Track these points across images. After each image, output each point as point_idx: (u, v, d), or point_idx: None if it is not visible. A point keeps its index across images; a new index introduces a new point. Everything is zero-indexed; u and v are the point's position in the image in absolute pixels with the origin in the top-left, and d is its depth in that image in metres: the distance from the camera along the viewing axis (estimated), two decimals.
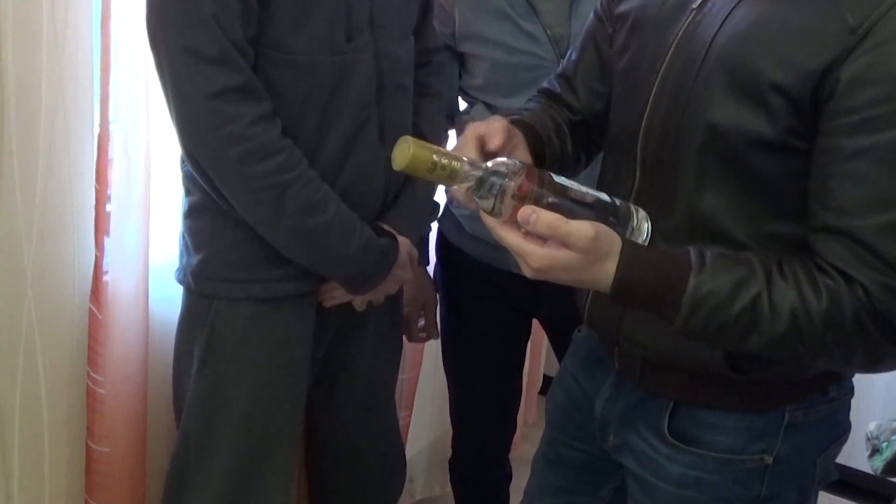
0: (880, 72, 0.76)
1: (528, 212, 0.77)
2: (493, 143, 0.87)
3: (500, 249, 1.46)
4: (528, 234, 0.78)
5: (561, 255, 0.78)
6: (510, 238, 0.79)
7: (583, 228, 0.77)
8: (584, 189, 0.84)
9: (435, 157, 0.77)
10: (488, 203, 0.80)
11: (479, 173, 0.79)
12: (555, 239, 0.77)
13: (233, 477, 1.27)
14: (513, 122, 0.97)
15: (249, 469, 1.27)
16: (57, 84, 1.17)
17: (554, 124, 1.07)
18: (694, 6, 0.92)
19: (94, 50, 1.21)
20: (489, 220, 0.81)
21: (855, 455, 1.65)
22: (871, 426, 1.71)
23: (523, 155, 0.93)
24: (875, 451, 1.67)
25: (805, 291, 0.79)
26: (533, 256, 0.78)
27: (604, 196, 0.86)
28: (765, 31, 0.83)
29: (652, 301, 0.82)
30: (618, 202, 0.87)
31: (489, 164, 0.80)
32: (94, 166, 1.23)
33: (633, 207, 0.88)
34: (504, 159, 0.81)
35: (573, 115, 1.10)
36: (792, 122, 0.82)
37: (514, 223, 0.78)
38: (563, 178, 0.83)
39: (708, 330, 0.81)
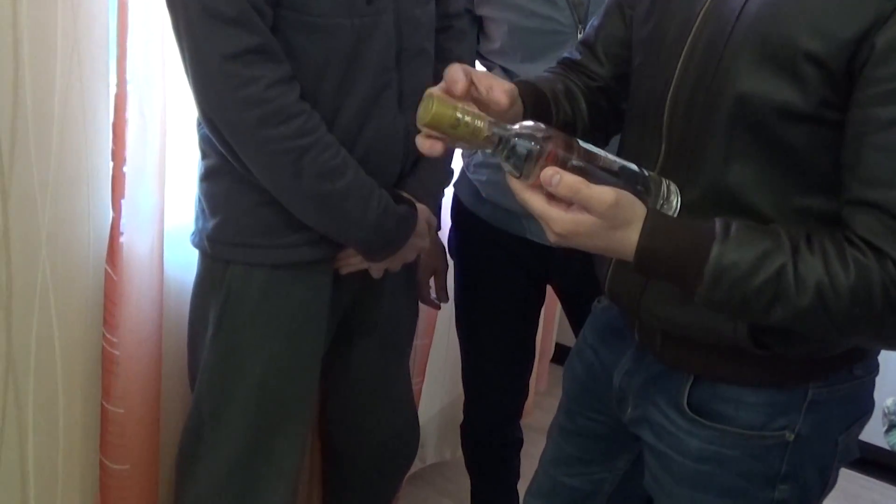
0: None
1: (550, 173, 0.76)
2: (482, 84, 0.86)
3: (516, 215, 1.48)
4: (552, 199, 0.78)
5: (584, 219, 0.77)
6: (534, 202, 0.78)
7: (604, 193, 0.77)
8: (611, 157, 0.83)
9: (459, 114, 0.76)
10: (512, 165, 0.79)
11: (504, 133, 0.78)
12: (576, 202, 0.77)
13: (246, 441, 1.27)
14: (520, 82, 0.96)
15: (263, 434, 1.28)
16: (72, 43, 1.15)
17: (564, 87, 1.05)
18: None
19: (111, 8, 1.19)
20: (514, 184, 0.80)
21: (871, 430, 1.65)
22: (888, 402, 1.70)
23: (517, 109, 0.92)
24: (892, 426, 1.67)
25: (833, 265, 0.77)
26: (556, 221, 0.78)
27: (632, 165, 0.84)
28: (798, 0, 0.80)
29: (675, 271, 0.81)
30: (647, 173, 0.85)
31: (516, 126, 0.79)
32: (111, 126, 1.22)
33: (664, 181, 0.86)
34: (530, 122, 0.80)
35: (592, 81, 1.08)
36: (825, 93, 0.80)
37: (539, 187, 0.77)
38: (589, 145, 0.82)
39: (731, 301, 0.80)
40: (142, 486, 1.39)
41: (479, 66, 1.54)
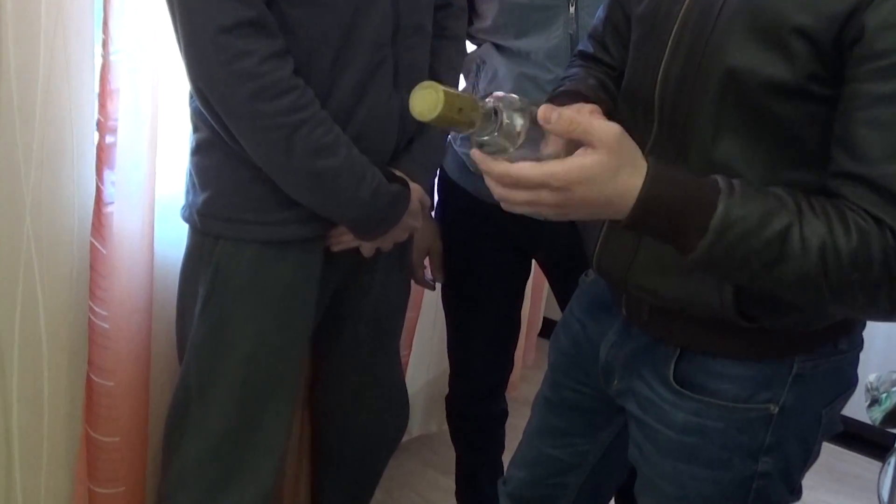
0: None
1: (549, 110, 0.75)
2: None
3: None
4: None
5: (586, 161, 0.75)
6: (528, 169, 0.76)
7: (608, 123, 0.75)
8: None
9: (459, 100, 0.72)
10: (505, 135, 0.76)
11: (496, 105, 0.75)
12: (578, 135, 0.75)
13: (233, 416, 1.27)
14: (561, 94, 0.95)
15: (250, 409, 1.28)
16: (56, 9, 1.13)
17: (597, 82, 1.05)
18: None
19: None
20: (503, 166, 0.77)
21: (853, 405, 1.67)
22: (871, 377, 1.72)
23: None
24: (874, 401, 1.69)
25: (835, 228, 0.77)
26: (556, 175, 0.75)
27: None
28: None
29: (675, 222, 0.79)
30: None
31: (490, 100, 0.76)
32: (97, 96, 1.20)
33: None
34: (499, 93, 0.77)
35: (612, 72, 1.08)
36: (814, 67, 0.80)
37: (524, 155, 0.76)
38: None
39: (731, 258, 0.78)
40: (131, 459, 1.39)
41: (469, 47, 1.53)
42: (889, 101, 0.75)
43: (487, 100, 0.76)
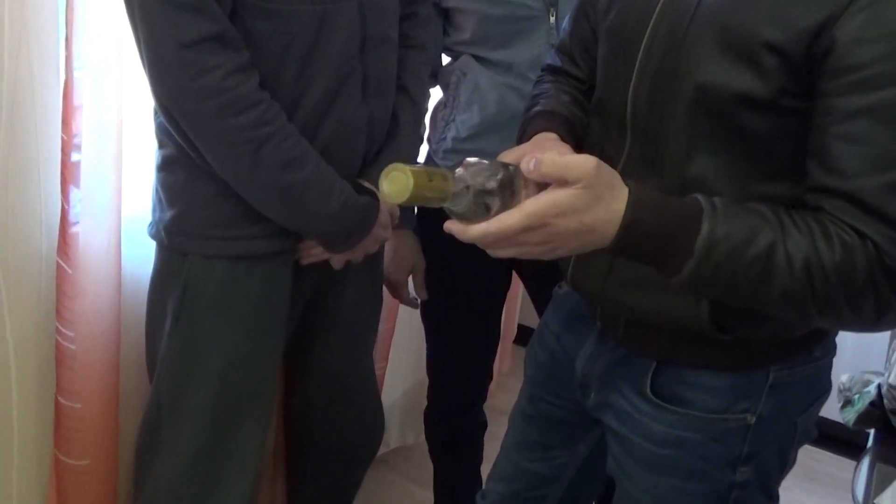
0: (877, 31, 0.74)
1: (527, 159, 0.75)
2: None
3: None
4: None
5: (560, 194, 0.74)
6: (507, 219, 0.74)
7: (584, 157, 0.75)
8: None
9: (428, 176, 0.70)
10: (483, 204, 0.74)
11: (469, 181, 0.73)
12: (559, 175, 0.74)
13: (206, 434, 1.26)
14: (537, 115, 0.95)
15: (223, 426, 1.26)
16: (20, 26, 1.11)
17: (570, 98, 1.05)
18: None
19: None
20: (480, 227, 0.75)
21: (827, 406, 1.68)
22: (844, 378, 1.74)
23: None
24: (847, 402, 1.70)
25: (818, 242, 0.77)
26: (533, 214, 0.74)
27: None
28: None
29: (660, 246, 0.78)
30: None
31: (461, 170, 0.74)
32: (61, 114, 1.18)
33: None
34: (471, 159, 0.76)
35: (581, 85, 1.08)
36: (784, 81, 0.80)
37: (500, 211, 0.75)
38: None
39: (717, 279, 0.78)
40: (101, 482, 1.37)
41: (444, 59, 1.53)
42: (863, 115, 0.76)
43: (457, 170, 0.75)
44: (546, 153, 0.76)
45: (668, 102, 0.88)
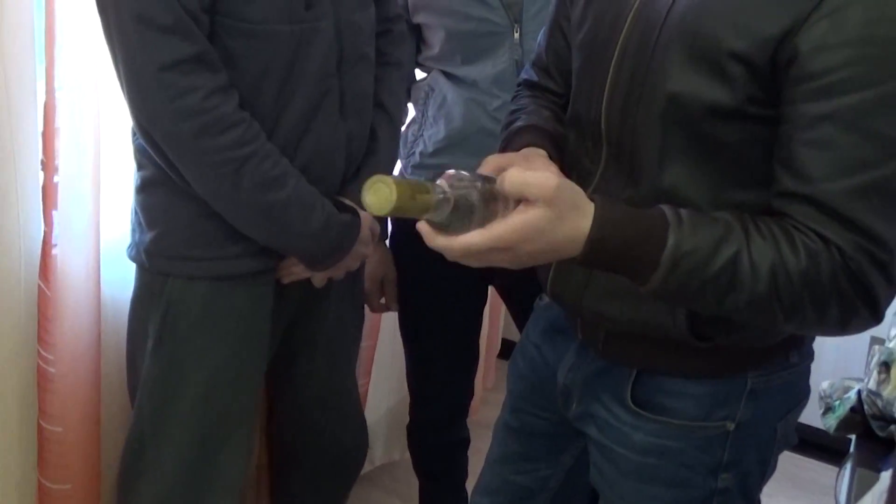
0: (838, 38, 0.76)
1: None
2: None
3: None
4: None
5: (527, 216, 0.75)
6: (472, 238, 0.75)
7: (543, 176, 0.75)
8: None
9: (411, 187, 0.70)
10: (462, 215, 0.75)
11: (453, 191, 0.74)
12: (522, 192, 0.75)
13: (189, 455, 1.25)
14: (519, 131, 0.96)
15: (206, 447, 1.26)
16: None
17: (551, 113, 1.06)
18: None
19: (38, 13, 1.16)
20: (445, 240, 0.76)
21: (809, 412, 1.70)
22: (824, 385, 1.75)
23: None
24: (828, 409, 1.72)
25: (783, 249, 0.78)
26: (500, 238, 0.75)
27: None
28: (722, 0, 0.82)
29: (627, 260, 0.80)
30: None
31: (442, 181, 0.75)
32: (41, 136, 1.18)
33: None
34: (451, 171, 0.76)
35: (558, 100, 1.09)
36: (751, 90, 0.82)
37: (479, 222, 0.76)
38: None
39: (685, 290, 0.80)
40: None
41: (418, 74, 1.54)
42: (827, 121, 0.77)
43: (439, 182, 0.75)
44: (511, 169, 0.76)
45: (640, 114, 0.89)
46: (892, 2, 0.76)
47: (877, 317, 0.82)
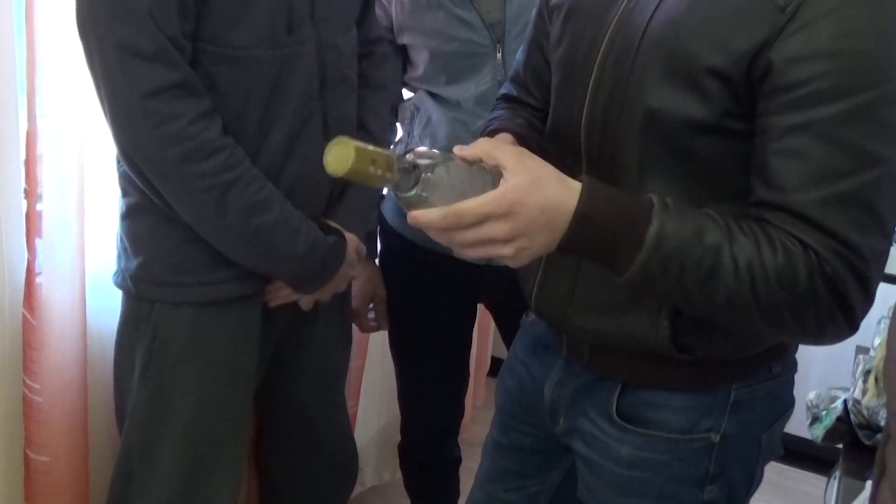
0: (811, 50, 0.77)
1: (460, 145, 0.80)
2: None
3: None
4: None
5: (511, 182, 0.78)
6: (468, 204, 0.77)
7: (508, 146, 0.82)
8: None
9: (371, 154, 0.72)
10: (433, 187, 0.76)
11: (418, 160, 0.76)
12: (486, 154, 0.80)
13: (178, 483, 1.24)
14: (490, 133, 0.97)
15: (195, 475, 1.25)
16: None
17: (525, 121, 1.07)
18: None
19: (19, 40, 1.16)
20: (440, 210, 0.77)
21: (797, 423, 1.71)
22: (811, 395, 1.76)
23: None
24: (815, 419, 1.72)
25: (763, 246, 0.79)
26: (495, 200, 0.77)
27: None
28: (697, 15, 0.84)
29: (612, 236, 0.80)
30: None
31: (409, 156, 0.77)
32: (23, 164, 1.18)
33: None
34: (419, 149, 0.79)
35: (537, 112, 1.11)
36: (728, 105, 0.83)
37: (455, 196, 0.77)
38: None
39: (665, 275, 0.80)
40: None
41: (405, 94, 1.56)
42: (800, 131, 0.79)
43: (407, 156, 0.77)
44: (480, 140, 0.80)
45: (619, 129, 0.90)
46: (864, 14, 0.77)
47: (852, 325, 0.82)
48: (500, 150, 0.81)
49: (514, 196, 0.77)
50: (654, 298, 0.91)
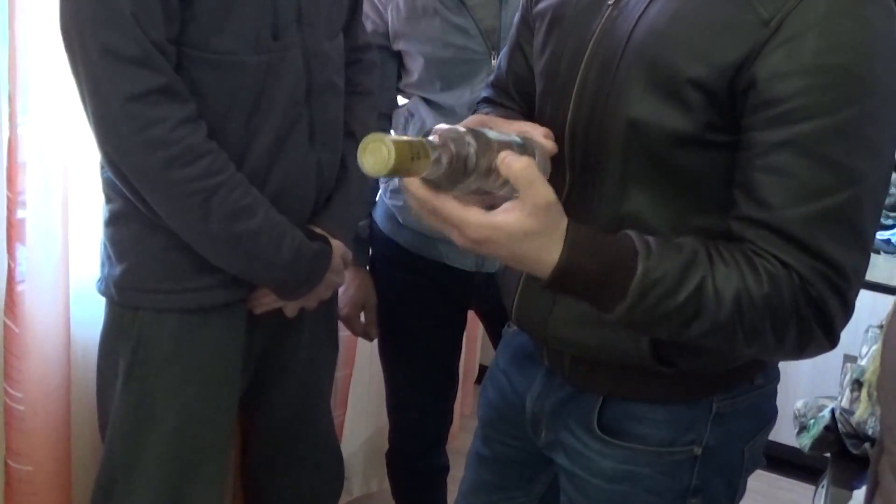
0: (794, 66, 0.77)
1: (504, 154, 0.76)
2: None
3: (434, 241, 1.49)
4: (466, 204, 0.76)
5: (500, 219, 0.75)
6: (450, 206, 0.75)
7: (545, 187, 0.76)
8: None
9: (409, 147, 0.68)
10: (458, 174, 0.74)
11: (447, 145, 0.73)
12: (518, 185, 0.75)
13: (161, 491, 1.23)
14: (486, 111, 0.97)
15: (179, 483, 1.23)
16: None
17: (509, 112, 1.06)
18: (610, 2, 0.91)
19: (1, 45, 1.15)
20: (423, 192, 0.75)
21: (785, 432, 1.70)
22: (799, 404, 1.76)
23: None
24: (803, 428, 1.73)
25: (746, 276, 0.79)
26: (470, 226, 0.75)
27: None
28: (680, 26, 0.83)
29: (594, 288, 0.80)
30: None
31: (435, 137, 0.73)
32: (5, 171, 1.17)
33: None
34: (443, 127, 0.75)
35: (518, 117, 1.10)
36: (710, 117, 0.83)
37: (449, 192, 0.76)
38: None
39: (651, 318, 0.80)
40: None
41: (399, 100, 1.55)
42: (784, 148, 0.78)
43: (431, 137, 0.74)
44: (521, 158, 0.76)
45: (602, 140, 0.90)
46: (847, 29, 0.77)
47: (832, 341, 0.83)
48: (540, 183, 0.76)
49: (492, 234, 0.76)
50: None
